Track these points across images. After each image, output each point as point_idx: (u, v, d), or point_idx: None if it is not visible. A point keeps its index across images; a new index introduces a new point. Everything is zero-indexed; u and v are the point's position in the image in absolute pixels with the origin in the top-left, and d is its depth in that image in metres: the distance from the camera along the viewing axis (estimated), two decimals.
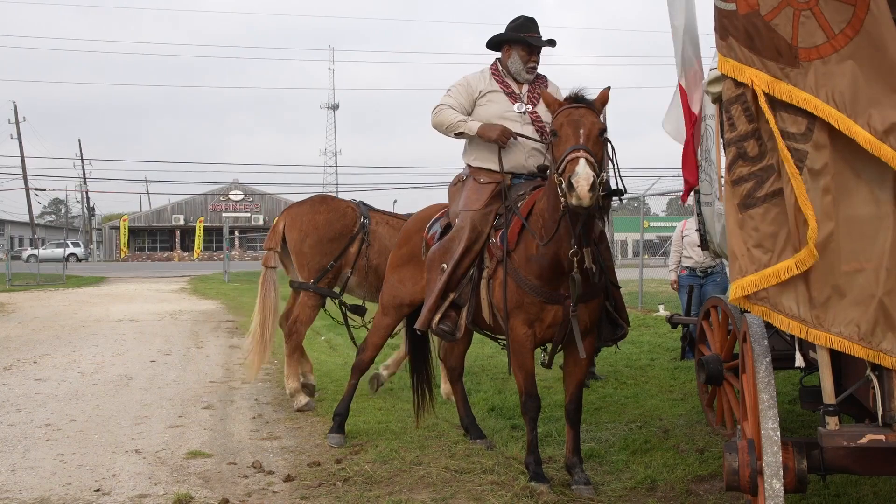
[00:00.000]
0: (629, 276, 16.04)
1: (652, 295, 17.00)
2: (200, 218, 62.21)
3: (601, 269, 4.59)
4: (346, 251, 7.03)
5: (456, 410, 6.07)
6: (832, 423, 3.17)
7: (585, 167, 4.06)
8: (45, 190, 64.61)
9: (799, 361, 3.56)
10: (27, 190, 59.91)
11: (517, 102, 5.29)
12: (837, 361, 3.38)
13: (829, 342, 3.11)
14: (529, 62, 5.30)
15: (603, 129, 4.36)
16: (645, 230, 19.52)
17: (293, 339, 7.06)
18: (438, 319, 5.05)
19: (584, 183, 4.02)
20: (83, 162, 66.68)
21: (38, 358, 10.10)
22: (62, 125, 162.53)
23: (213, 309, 17.53)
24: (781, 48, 3.15)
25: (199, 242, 61.68)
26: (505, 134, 5.09)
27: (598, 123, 4.33)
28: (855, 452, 3.20)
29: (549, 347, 4.93)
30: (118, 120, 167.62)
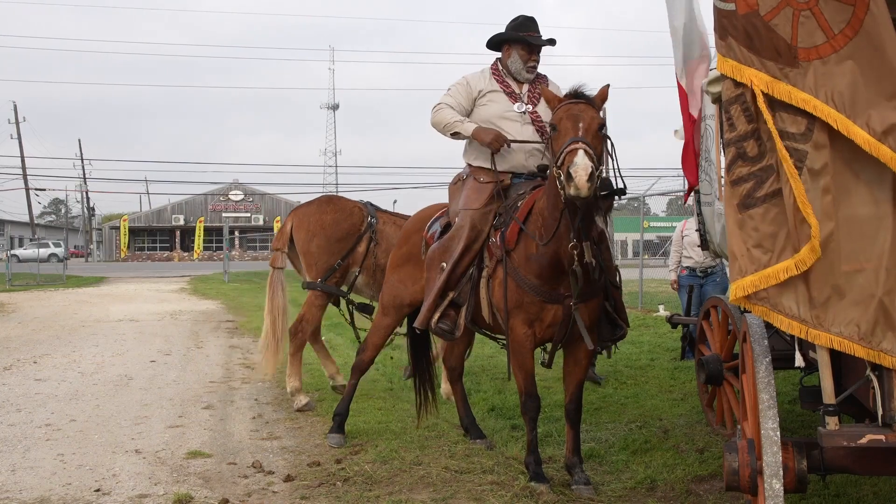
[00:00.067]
0: (629, 276, 15.94)
1: (652, 295, 17.00)
2: (200, 218, 62.24)
3: (601, 268, 4.59)
4: (353, 250, 7.05)
5: (456, 410, 6.07)
6: (832, 423, 3.17)
7: (584, 158, 4.06)
8: (45, 190, 64.81)
9: (799, 361, 3.56)
10: (27, 190, 59.94)
11: (517, 102, 5.29)
12: (837, 361, 3.38)
13: (829, 342, 3.11)
14: (529, 61, 5.30)
15: (602, 123, 4.35)
16: (645, 230, 19.51)
17: (298, 338, 7.07)
18: (437, 318, 5.05)
19: (582, 173, 4.01)
20: (83, 162, 66.84)
21: (38, 358, 10.10)
22: (62, 125, 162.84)
23: (213, 309, 17.53)
24: (781, 48, 3.14)
25: (199, 242, 61.70)
26: (498, 140, 5.09)
27: (597, 118, 4.32)
28: (855, 452, 3.20)
29: (549, 347, 4.93)
30: (118, 120, 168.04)
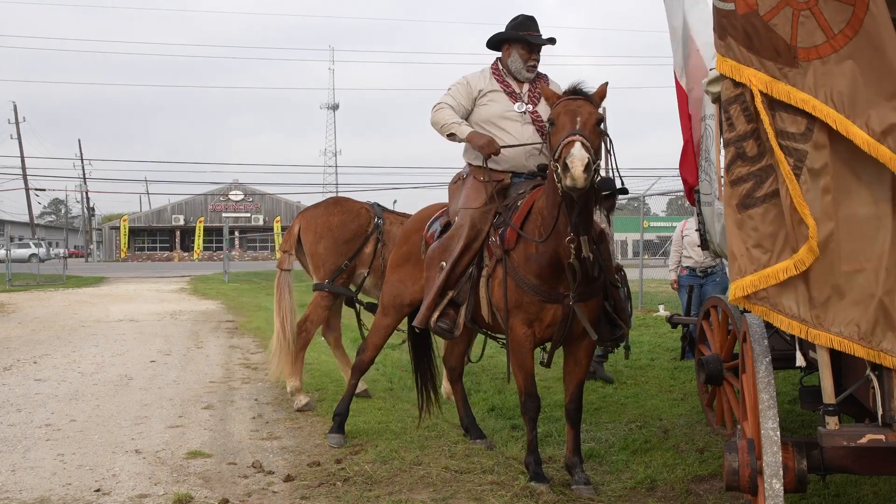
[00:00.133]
0: (629, 276, 15.98)
1: (652, 295, 17.00)
2: (200, 218, 62.23)
3: (600, 266, 4.59)
4: (360, 251, 7.09)
5: (456, 410, 6.07)
6: (832, 422, 3.17)
7: (580, 149, 4.06)
8: (45, 190, 64.86)
9: (800, 361, 3.55)
10: (27, 190, 59.94)
11: (518, 102, 5.28)
12: (837, 361, 3.38)
13: (829, 342, 3.10)
14: (529, 60, 5.30)
15: (600, 119, 4.34)
16: (645, 230, 19.52)
17: (301, 338, 7.08)
18: (437, 317, 5.05)
19: (578, 164, 4.01)
20: (83, 162, 66.84)
21: (38, 358, 10.10)
22: (62, 125, 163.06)
23: (212, 309, 17.52)
24: (780, 48, 3.14)
25: (199, 242, 61.70)
26: (491, 146, 5.08)
27: (595, 113, 4.32)
28: (855, 452, 3.20)
29: (548, 347, 4.93)
30: (118, 120, 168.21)
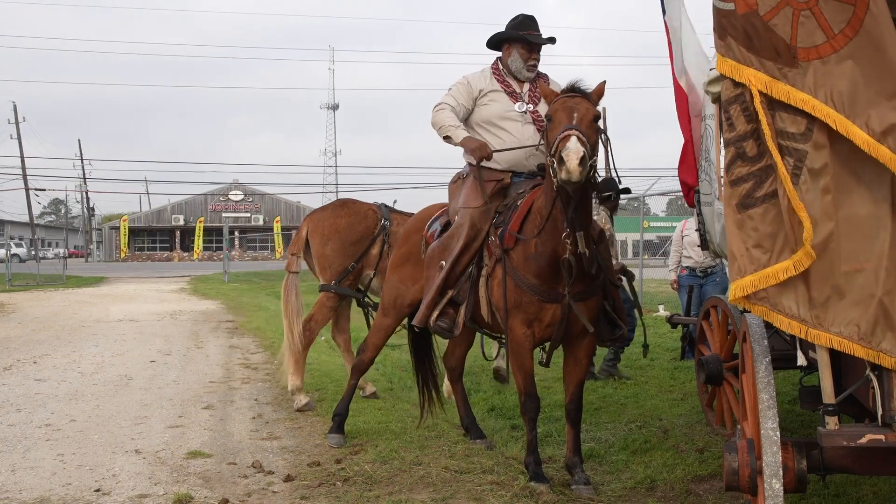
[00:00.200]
0: None
1: (652, 295, 17.00)
2: (200, 218, 62.23)
3: (599, 266, 4.59)
4: (367, 253, 7.11)
5: (456, 410, 6.07)
6: (832, 423, 3.17)
7: (576, 143, 4.07)
8: (45, 190, 64.81)
9: (801, 360, 3.56)
10: (27, 190, 59.90)
11: (518, 101, 5.28)
12: (837, 361, 3.38)
13: (828, 342, 3.11)
14: (530, 60, 5.30)
15: (597, 115, 4.35)
16: (645, 230, 19.54)
17: (305, 337, 7.09)
18: (436, 316, 5.05)
19: (573, 157, 4.02)
20: (83, 162, 66.90)
21: (38, 358, 10.10)
22: (62, 125, 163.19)
23: (212, 309, 17.52)
24: (780, 48, 3.14)
25: (198, 242, 61.69)
26: (482, 150, 5.08)
27: (592, 110, 4.33)
28: (855, 452, 3.20)
29: (547, 346, 4.93)
30: (118, 120, 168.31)
